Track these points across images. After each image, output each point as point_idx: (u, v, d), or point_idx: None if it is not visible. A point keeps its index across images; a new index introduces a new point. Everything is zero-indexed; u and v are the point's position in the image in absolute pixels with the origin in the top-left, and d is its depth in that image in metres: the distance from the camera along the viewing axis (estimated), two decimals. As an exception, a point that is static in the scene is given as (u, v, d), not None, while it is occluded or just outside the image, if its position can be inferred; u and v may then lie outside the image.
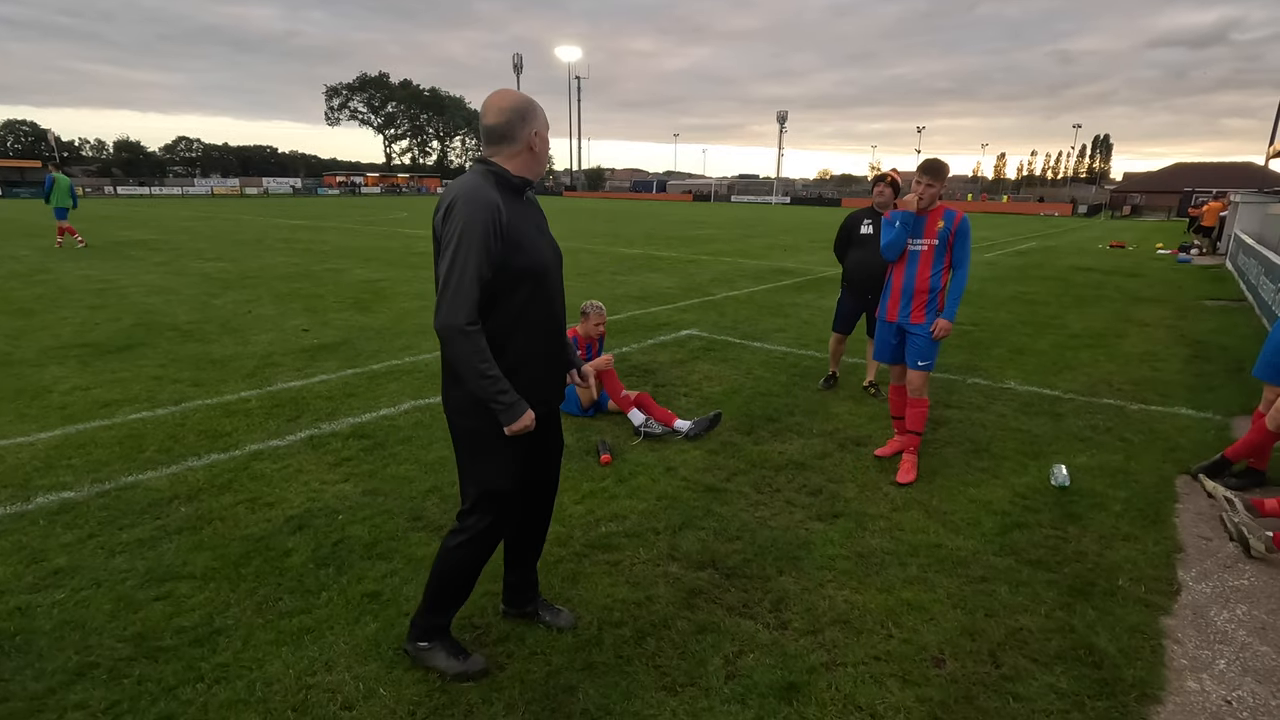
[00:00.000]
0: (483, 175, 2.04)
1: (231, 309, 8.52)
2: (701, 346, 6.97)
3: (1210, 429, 4.79)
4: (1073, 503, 3.64)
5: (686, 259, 15.09)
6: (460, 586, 2.32)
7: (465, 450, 2.20)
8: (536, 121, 2.09)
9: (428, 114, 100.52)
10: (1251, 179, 40.00)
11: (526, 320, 2.10)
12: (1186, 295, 11.33)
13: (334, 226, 23.37)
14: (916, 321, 3.90)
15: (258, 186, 65.31)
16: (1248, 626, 2.66)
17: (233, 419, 4.65)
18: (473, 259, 1.93)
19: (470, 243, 1.92)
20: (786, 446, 4.36)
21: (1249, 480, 3.89)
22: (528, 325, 2.11)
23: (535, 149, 2.12)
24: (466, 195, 1.96)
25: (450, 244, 1.94)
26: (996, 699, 2.25)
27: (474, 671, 2.28)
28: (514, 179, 2.09)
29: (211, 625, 2.52)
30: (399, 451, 4.15)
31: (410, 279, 11.31)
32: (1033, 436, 4.61)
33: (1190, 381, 6.00)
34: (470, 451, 2.19)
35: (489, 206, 1.96)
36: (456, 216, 1.94)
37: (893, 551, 3.13)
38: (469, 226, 1.93)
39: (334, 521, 3.30)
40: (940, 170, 3.82)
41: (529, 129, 2.07)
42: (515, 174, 2.09)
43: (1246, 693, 2.31)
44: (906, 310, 3.94)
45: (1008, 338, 7.68)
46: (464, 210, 1.94)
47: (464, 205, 1.95)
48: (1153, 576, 2.97)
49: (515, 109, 2.05)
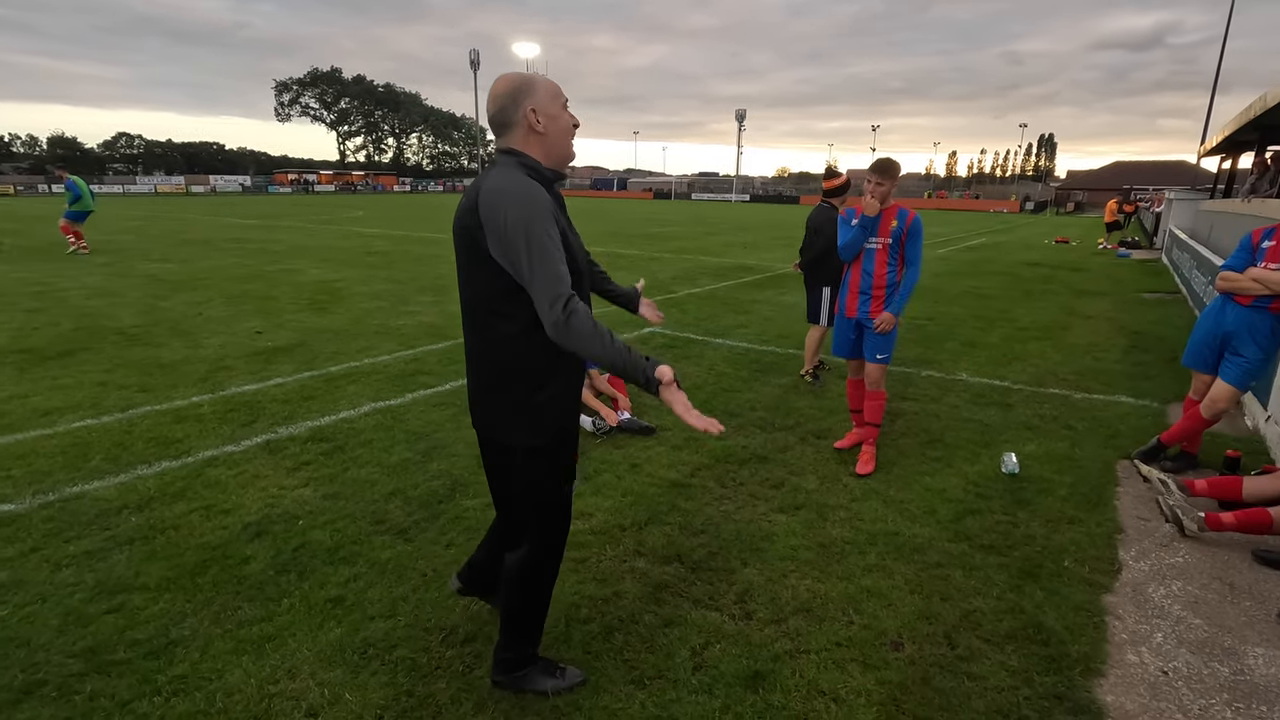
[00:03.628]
0: (517, 167, 1.83)
1: (181, 311, 8.25)
2: (664, 344, 7.02)
3: (1148, 415, 5.04)
4: (1022, 489, 3.79)
5: (648, 257, 15.14)
6: (537, 614, 2.23)
7: (523, 472, 2.03)
8: (532, 97, 1.83)
9: (383, 110, 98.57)
10: (1185, 177, 41.92)
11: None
12: (1126, 289, 11.84)
13: (287, 226, 22.75)
14: (875, 316, 4.01)
15: (205, 185, 63.15)
16: (1182, 601, 2.81)
17: (184, 425, 4.51)
18: (552, 249, 1.73)
19: (541, 231, 1.73)
20: (749, 441, 4.43)
21: (1182, 463, 4.10)
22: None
23: (538, 128, 1.85)
24: (518, 191, 1.76)
25: (523, 246, 1.72)
26: (952, 679, 2.34)
27: (576, 683, 2.23)
28: (546, 171, 1.88)
29: (167, 637, 2.46)
30: (360, 454, 4.08)
31: (368, 279, 11.10)
32: (984, 426, 4.77)
33: (1130, 370, 6.29)
34: (530, 473, 2.03)
35: (542, 197, 1.78)
36: (513, 216, 1.73)
37: (852, 541, 3.22)
38: (534, 222, 1.73)
39: (294, 527, 3.24)
40: (890, 169, 3.89)
41: (523, 107, 1.83)
42: (544, 164, 1.89)
43: (1181, 663, 2.45)
44: (865, 306, 4.04)
45: (960, 331, 7.92)
46: (522, 208, 1.73)
47: (520, 202, 1.74)
48: (1095, 557, 3.12)
49: (507, 91, 1.84)
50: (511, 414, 1.97)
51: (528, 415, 1.96)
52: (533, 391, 1.95)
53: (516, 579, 2.15)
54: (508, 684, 2.23)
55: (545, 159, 1.89)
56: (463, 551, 3.04)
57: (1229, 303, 3.83)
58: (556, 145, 1.90)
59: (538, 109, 1.85)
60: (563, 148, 1.92)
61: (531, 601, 2.20)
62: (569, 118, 1.92)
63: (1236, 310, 3.78)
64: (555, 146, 1.90)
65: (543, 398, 1.95)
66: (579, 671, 2.29)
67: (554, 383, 1.97)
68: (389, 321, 7.86)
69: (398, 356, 6.32)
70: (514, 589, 2.16)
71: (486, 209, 1.77)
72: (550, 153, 1.89)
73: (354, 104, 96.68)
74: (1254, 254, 3.76)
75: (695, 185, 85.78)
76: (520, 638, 2.21)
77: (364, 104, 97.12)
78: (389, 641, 2.46)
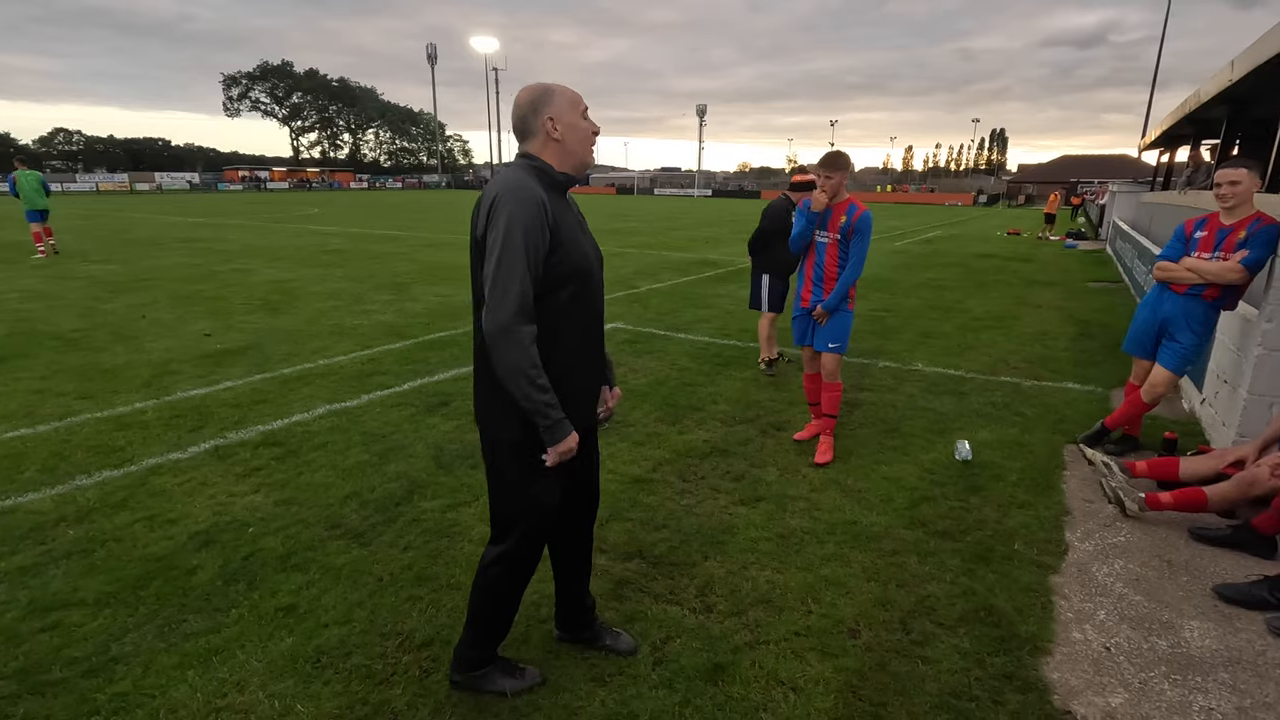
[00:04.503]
0: (525, 169, 1.90)
1: (123, 314, 7.93)
2: (626, 340, 7.01)
3: (1093, 400, 5.22)
4: (975, 475, 3.89)
5: (611, 252, 15.10)
6: (505, 614, 2.21)
7: (507, 467, 2.03)
8: (551, 106, 1.90)
9: (337, 105, 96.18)
10: (1128, 170, 43.57)
11: (571, 324, 1.96)
12: (1073, 278, 12.24)
13: (238, 224, 22.06)
14: None
15: (150, 182, 60.70)
16: (1124, 579, 2.92)
17: (127, 432, 4.34)
18: (522, 257, 1.79)
19: (519, 239, 1.78)
20: (710, 435, 4.45)
21: (1125, 446, 4.26)
22: (572, 330, 1.97)
23: (556, 136, 1.91)
24: (510, 191, 1.82)
25: (497, 242, 1.79)
26: (907, 663, 2.38)
27: (534, 684, 2.22)
28: (557, 175, 1.94)
29: (107, 654, 2.36)
30: (314, 458, 3.98)
31: (324, 278, 10.83)
32: (939, 415, 4.88)
33: (1076, 358, 6.51)
34: (513, 468, 2.01)
35: (535, 201, 1.82)
36: (501, 213, 1.80)
37: (811, 531, 3.26)
38: (515, 223, 1.78)
39: (244, 535, 3.14)
40: (837, 161, 3.89)
41: (542, 116, 1.90)
42: (558, 169, 1.94)
43: (1123, 639, 2.54)
44: (817, 297, 4.09)
45: (916, 322, 8.09)
46: (509, 206, 1.80)
47: (509, 201, 1.80)
48: (1044, 539, 3.22)
49: (528, 101, 1.91)
50: (488, 402, 1.98)
51: (502, 403, 1.93)
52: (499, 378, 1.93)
53: (489, 576, 2.12)
54: (465, 684, 2.20)
55: (561, 164, 1.95)
56: (420, 555, 2.99)
57: (1166, 291, 3.99)
58: (574, 151, 1.96)
59: (555, 117, 1.91)
60: (580, 153, 1.98)
61: (501, 601, 2.17)
62: (588, 125, 1.98)
63: (1173, 298, 3.93)
64: (572, 152, 1.96)
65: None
66: (538, 672, 2.27)
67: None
68: (345, 321, 7.68)
69: (354, 357, 6.18)
70: (484, 585, 2.13)
71: (487, 203, 1.85)
72: (567, 158, 1.96)
73: (307, 99, 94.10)
74: (1187, 244, 3.92)
75: (658, 180, 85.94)
76: (484, 637, 2.19)
77: (317, 98, 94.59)
78: (343, 649, 2.40)
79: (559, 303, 1.91)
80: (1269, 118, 7.03)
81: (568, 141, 1.93)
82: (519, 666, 2.26)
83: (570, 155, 1.96)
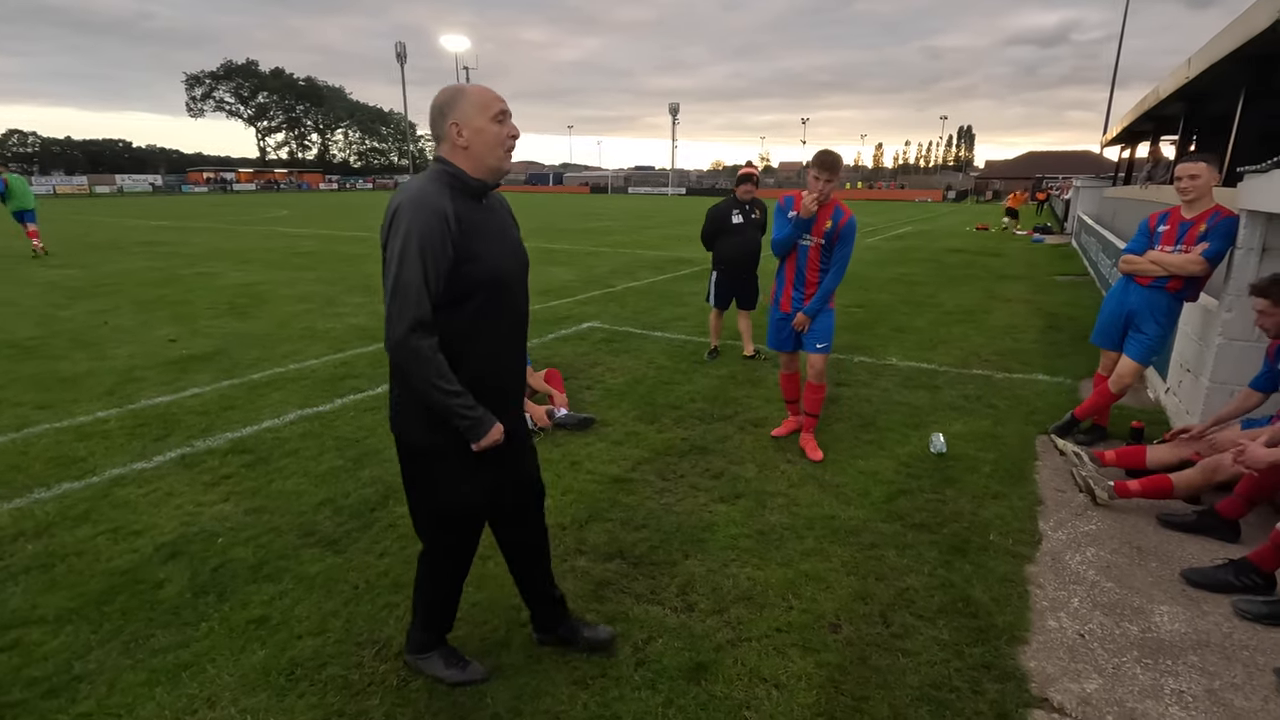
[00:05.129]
0: (434, 177, 1.87)
1: (83, 321, 7.69)
2: (603, 339, 6.98)
3: (1063, 392, 5.32)
4: (949, 467, 3.93)
5: (586, 251, 15.05)
6: (444, 604, 2.27)
7: (422, 470, 2.03)
8: (456, 111, 1.84)
9: (304, 105, 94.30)
10: (1091, 165, 44.55)
11: (485, 330, 1.93)
12: (1041, 272, 12.49)
13: (203, 227, 21.56)
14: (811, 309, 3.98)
15: (110, 184, 58.93)
16: (1096, 566, 2.98)
17: (88, 442, 4.20)
18: (419, 271, 1.77)
19: (416, 253, 1.76)
20: (689, 432, 4.45)
21: (1094, 436, 4.35)
22: (487, 335, 1.94)
23: (462, 144, 1.85)
24: (412, 202, 1.79)
25: (394, 256, 1.78)
26: (888, 656, 2.40)
27: (475, 679, 2.24)
28: (471, 181, 1.89)
29: (70, 672, 2.28)
30: (285, 465, 3.89)
31: (294, 281, 10.62)
32: (914, 408, 4.94)
33: (1045, 350, 6.63)
34: (428, 471, 2.01)
35: (435, 213, 1.79)
36: (400, 225, 1.78)
37: (791, 526, 3.27)
38: (412, 236, 1.76)
39: (213, 545, 3.06)
40: (834, 164, 3.70)
41: (447, 121, 1.85)
42: (472, 175, 1.89)
43: (1096, 625, 2.59)
44: (799, 303, 4.00)
45: (890, 317, 8.18)
46: (409, 217, 1.78)
47: (408, 212, 1.78)
48: (1018, 529, 3.26)
49: (437, 105, 1.87)
50: (399, 409, 1.99)
51: (412, 410, 1.94)
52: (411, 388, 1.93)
53: (420, 573, 2.22)
54: (413, 664, 2.29)
55: (474, 170, 1.90)
56: (396, 560, 2.94)
57: (1131, 284, 4.07)
58: (482, 158, 1.89)
59: (460, 123, 1.85)
60: (491, 160, 1.90)
61: (428, 596, 2.23)
62: (500, 130, 1.89)
63: (1138, 291, 4.02)
64: (481, 158, 1.89)
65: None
66: (482, 669, 2.29)
67: None
68: (316, 324, 7.54)
69: (326, 361, 6.07)
70: (419, 581, 2.23)
71: (390, 212, 1.83)
72: (477, 166, 1.90)
73: (273, 98, 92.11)
74: (1151, 237, 4.01)
75: (631, 179, 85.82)
76: (423, 623, 2.26)
77: (284, 98, 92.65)
78: (318, 660, 2.35)
79: (470, 309, 1.89)
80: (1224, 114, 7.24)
81: (474, 148, 1.87)
82: (464, 660, 2.29)
83: (479, 161, 1.89)
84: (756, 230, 6.01)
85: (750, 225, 5.99)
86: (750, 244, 6.02)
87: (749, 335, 6.31)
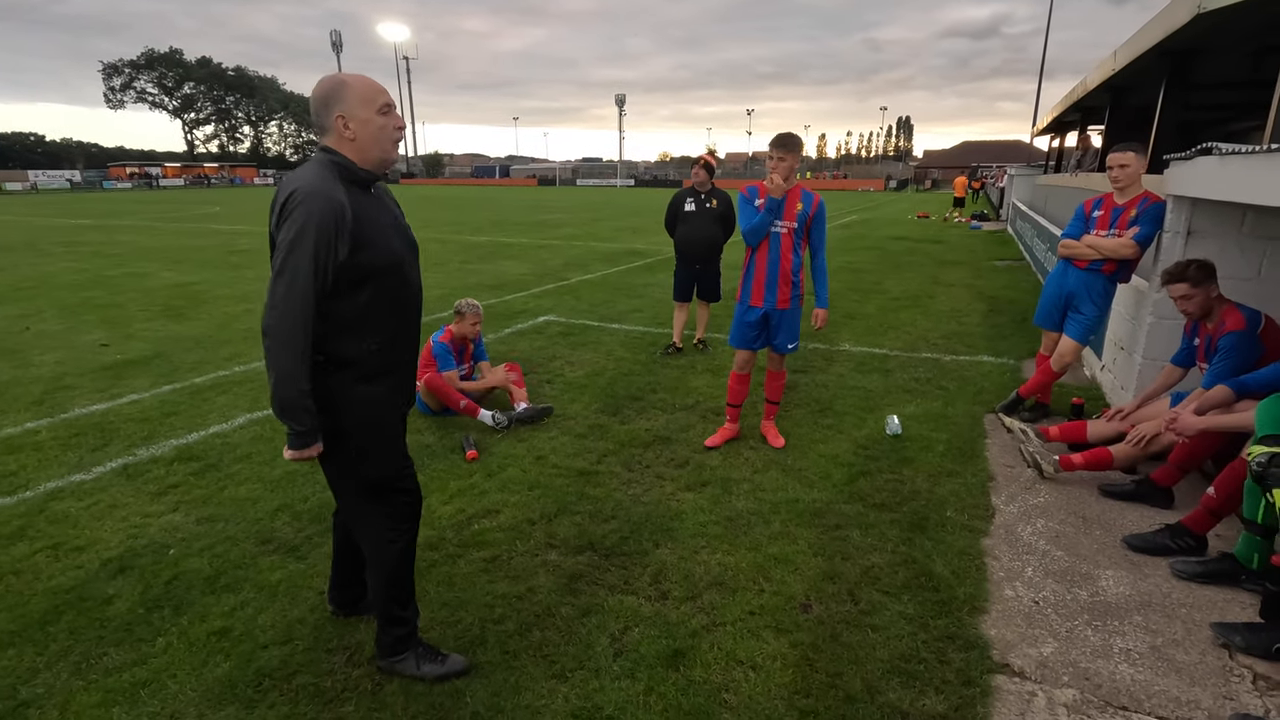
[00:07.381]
0: (326, 165, 1.88)
1: (2, 327, 7.22)
2: (560, 332, 6.94)
3: (1007, 372, 5.55)
4: (905, 448, 4.06)
5: (537, 244, 14.90)
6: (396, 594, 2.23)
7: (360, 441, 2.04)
8: (342, 103, 1.87)
9: (234, 96, 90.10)
10: (1023, 154, 46.38)
11: (379, 317, 1.97)
12: (980, 258, 12.97)
13: (130, 225, 20.45)
14: (783, 306, 3.90)
15: (22, 181, 55.16)
16: (1046, 536, 3.13)
17: (18, 455, 3.96)
18: (310, 261, 1.78)
19: (310, 243, 1.77)
20: (652, 423, 4.47)
21: (1038, 413, 4.56)
22: (381, 322, 1.98)
23: (349, 135, 1.88)
24: (309, 191, 1.79)
25: (286, 242, 1.78)
26: (858, 633, 2.47)
27: (456, 670, 2.23)
28: (359, 171, 1.92)
29: (15, 698, 2.15)
30: (237, 471, 3.75)
31: (232, 280, 10.19)
32: (868, 392, 5.08)
33: (988, 332, 6.91)
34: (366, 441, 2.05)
35: (333, 204, 1.80)
36: (297, 214, 1.78)
37: (757, 511, 3.33)
38: (309, 226, 1.77)
39: (164, 558, 2.93)
40: (793, 143, 3.67)
41: (333, 113, 1.87)
42: (360, 166, 1.92)
43: (1049, 592, 2.72)
44: (772, 296, 3.87)
45: (839, 304, 8.37)
46: (306, 207, 1.78)
47: (306, 202, 1.78)
48: (972, 505, 3.40)
49: (319, 96, 1.88)
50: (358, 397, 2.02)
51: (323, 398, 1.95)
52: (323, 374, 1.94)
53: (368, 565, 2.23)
54: (388, 669, 2.25)
55: (362, 160, 1.93)
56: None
57: (1070, 267, 4.27)
58: (369, 149, 1.92)
59: (345, 115, 1.88)
60: (378, 151, 1.94)
61: (382, 588, 2.20)
62: (385, 121, 1.93)
63: (1076, 273, 4.22)
64: (368, 150, 1.92)
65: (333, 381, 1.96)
66: (461, 659, 2.28)
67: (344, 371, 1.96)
68: (259, 325, 7.23)
69: (273, 362, 5.84)
70: (370, 574, 2.24)
71: (283, 198, 1.83)
72: (364, 157, 1.93)
73: (200, 89, 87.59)
74: (1087, 222, 4.21)
75: (579, 171, 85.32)
76: (384, 622, 2.24)
77: (212, 89, 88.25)
78: (287, 669, 2.28)
79: (363, 298, 1.92)
80: (1146, 104, 7.64)
81: (361, 140, 1.90)
82: (441, 654, 2.28)
83: (367, 153, 1.92)
84: (712, 222, 5.87)
85: (704, 214, 5.85)
86: (701, 232, 5.86)
87: (704, 324, 6.28)
